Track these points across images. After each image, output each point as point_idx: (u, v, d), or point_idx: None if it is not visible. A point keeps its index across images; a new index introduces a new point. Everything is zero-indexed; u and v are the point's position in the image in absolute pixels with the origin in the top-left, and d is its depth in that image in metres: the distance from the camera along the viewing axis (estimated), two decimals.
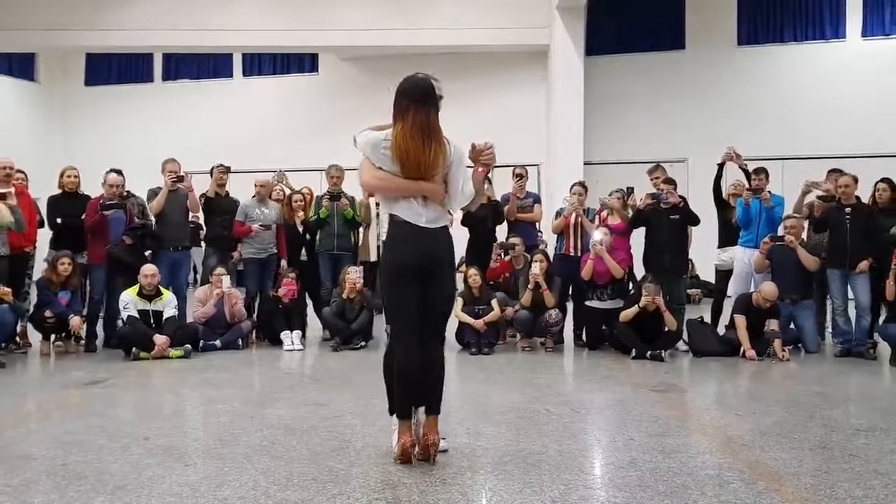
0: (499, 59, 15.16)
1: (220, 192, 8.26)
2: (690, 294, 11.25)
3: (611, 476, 3.43)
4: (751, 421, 4.59)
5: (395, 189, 3.58)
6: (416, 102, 3.55)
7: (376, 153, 3.58)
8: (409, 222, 3.58)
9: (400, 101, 3.58)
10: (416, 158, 3.52)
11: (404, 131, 3.52)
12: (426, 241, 3.59)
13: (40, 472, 3.48)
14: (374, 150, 3.59)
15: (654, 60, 15.06)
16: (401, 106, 3.57)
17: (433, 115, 3.56)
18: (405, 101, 3.56)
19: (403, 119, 3.54)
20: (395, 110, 3.59)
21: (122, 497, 3.12)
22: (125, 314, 6.94)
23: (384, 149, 3.55)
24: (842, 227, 7.19)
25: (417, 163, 3.53)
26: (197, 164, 9.69)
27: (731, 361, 6.88)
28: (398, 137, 3.52)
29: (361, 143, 3.64)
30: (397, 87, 3.63)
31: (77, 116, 17.40)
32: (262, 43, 15.16)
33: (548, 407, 4.37)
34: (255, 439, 4.00)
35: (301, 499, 3.09)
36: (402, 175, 3.55)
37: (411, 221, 3.58)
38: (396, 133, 3.54)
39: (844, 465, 3.61)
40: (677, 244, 7.59)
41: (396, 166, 3.54)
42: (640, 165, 8.47)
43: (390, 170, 3.56)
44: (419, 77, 3.63)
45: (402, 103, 3.57)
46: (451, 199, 3.68)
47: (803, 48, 14.69)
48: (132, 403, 5.30)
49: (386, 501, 3.07)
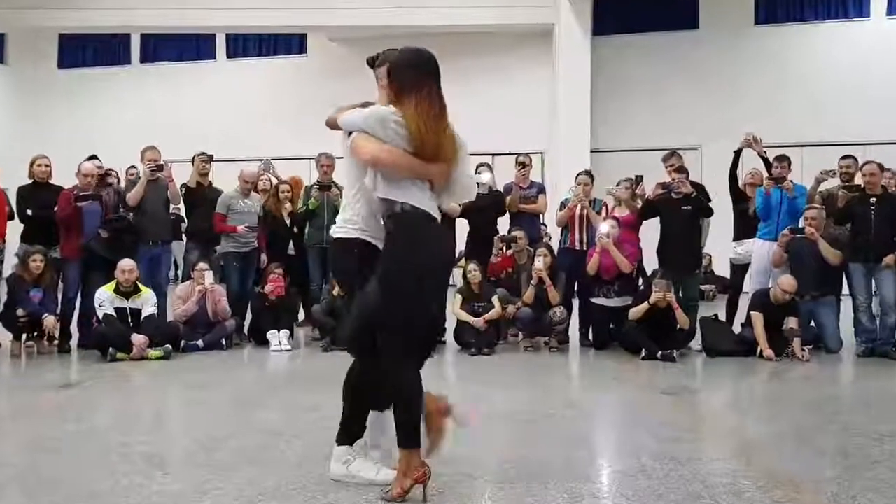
0: (500, 40, 15.13)
1: (203, 182, 8.25)
2: (704, 290, 11.26)
3: (619, 484, 3.43)
4: (768, 425, 4.60)
5: (414, 168, 3.24)
6: (431, 76, 3.31)
7: (385, 129, 3.22)
8: (430, 214, 3.29)
9: (409, 74, 3.31)
10: (436, 138, 3.24)
11: (422, 106, 3.24)
12: (448, 239, 3.35)
13: (10, 478, 3.48)
14: (382, 126, 3.22)
15: (666, 41, 15.03)
16: (412, 79, 3.29)
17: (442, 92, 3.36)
18: (418, 74, 3.30)
19: (419, 93, 3.25)
20: (401, 84, 3.30)
21: None
22: (101, 312, 6.91)
23: (395, 124, 3.22)
24: (866, 219, 7.17)
25: (437, 143, 3.25)
26: (178, 153, 9.68)
27: (747, 362, 6.88)
28: (417, 113, 3.23)
29: (360, 119, 3.29)
30: (397, 60, 3.38)
31: (50, 101, 17.35)
32: (247, 23, 15.13)
33: (552, 410, 4.38)
34: (239, 445, 4.00)
35: None
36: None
37: (431, 213, 3.30)
38: (412, 109, 3.23)
39: (867, 473, 3.62)
40: (689, 237, 7.58)
41: (411, 147, 3.22)
42: (651, 153, 8.47)
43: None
44: (422, 49, 3.40)
45: (413, 76, 3.30)
46: (448, 192, 3.44)
47: (825, 27, 14.67)
48: (109, 407, 5.30)
49: None
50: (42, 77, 17.62)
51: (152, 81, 17.20)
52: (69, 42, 17.49)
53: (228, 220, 7.83)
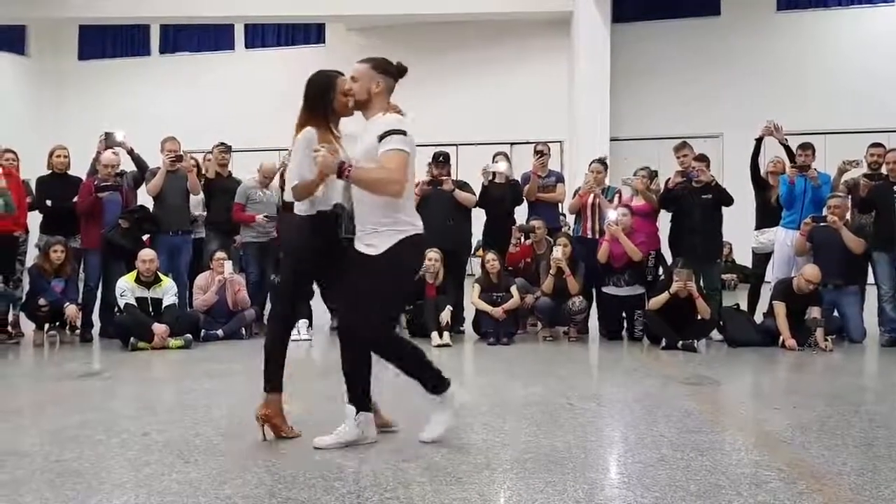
0: (518, 28, 15.06)
1: (222, 173, 8.28)
2: (725, 279, 11.19)
3: (639, 475, 3.41)
4: (790, 416, 4.55)
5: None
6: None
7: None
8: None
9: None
10: None
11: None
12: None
13: (33, 469, 3.51)
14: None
15: (687, 28, 14.91)
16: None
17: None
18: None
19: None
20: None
21: (120, 496, 3.14)
22: (122, 302, 6.98)
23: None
24: (890, 207, 7.09)
25: None
26: (197, 143, 9.72)
27: (769, 352, 6.83)
28: None
29: (410, 139, 3.69)
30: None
31: (70, 92, 17.52)
32: (266, 13, 15.17)
33: (571, 401, 4.36)
34: (259, 435, 4.01)
35: (308, 498, 3.10)
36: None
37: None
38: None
39: (891, 464, 3.57)
40: (710, 226, 7.53)
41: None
42: (671, 142, 8.40)
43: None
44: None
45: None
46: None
47: (848, 13, 14.49)
48: (130, 396, 5.34)
49: (398, 501, 3.07)
50: (62, 68, 17.77)
51: (171, 72, 17.30)
52: (89, 33, 17.62)
53: (247, 211, 7.86)
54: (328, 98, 3.85)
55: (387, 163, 3.58)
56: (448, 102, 14.58)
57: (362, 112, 3.85)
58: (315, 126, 3.80)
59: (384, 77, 3.80)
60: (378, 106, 3.79)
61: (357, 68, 3.81)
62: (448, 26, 15.16)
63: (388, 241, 3.67)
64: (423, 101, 15.14)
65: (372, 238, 3.70)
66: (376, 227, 3.69)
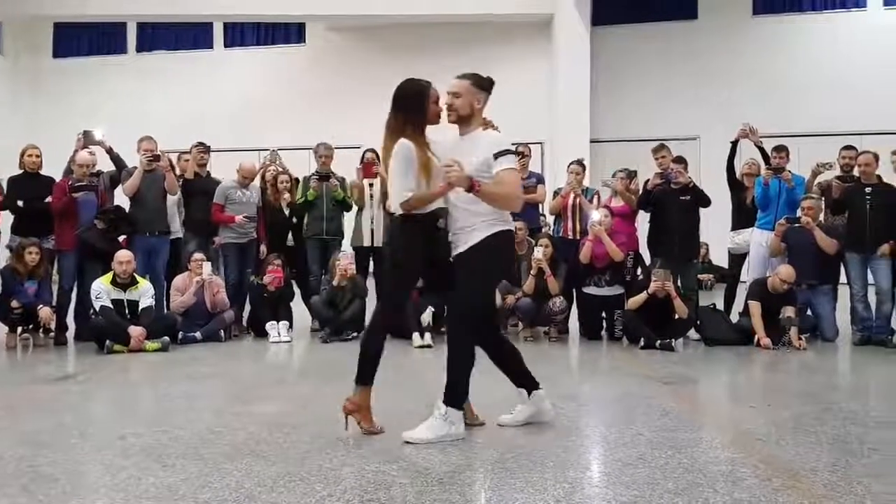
0: (499, 30, 15.10)
1: (200, 173, 8.23)
2: (702, 279, 11.28)
3: (618, 473, 3.43)
4: (765, 414, 4.60)
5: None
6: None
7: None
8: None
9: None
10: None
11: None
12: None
13: (6, 473, 3.47)
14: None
15: (665, 31, 15.02)
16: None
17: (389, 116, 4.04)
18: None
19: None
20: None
21: (96, 500, 3.11)
22: (98, 304, 6.90)
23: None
24: (862, 208, 7.19)
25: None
26: (175, 143, 9.65)
27: (744, 351, 6.90)
28: None
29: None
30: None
31: (45, 91, 17.32)
32: (245, 11, 15.09)
33: (551, 401, 4.37)
34: (238, 438, 3.99)
35: (288, 501, 3.09)
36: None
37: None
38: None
39: (864, 460, 3.62)
40: (688, 227, 7.60)
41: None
42: (649, 143, 8.46)
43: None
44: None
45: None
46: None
47: (822, 18, 14.67)
48: (106, 400, 5.29)
49: (380, 502, 3.07)
50: (38, 67, 17.58)
51: (149, 71, 17.16)
52: (64, 31, 17.43)
53: (226, 211, 7.81)
54: (425, 106, 3.98)
55: (507, 179, 3.85)
56: None
57: (461, 126, 4.04)
58: (411, 134, 3.93)
59: (483, 93, 4.00)
60: (476, 121, 4.01)
61: (459, 84, 3.98)
62: (429, 27, 15.16)
63: (481, 234, 3.90)
64: None
65: (468, 236, 3.93)
66: (472, 225, 3.92)
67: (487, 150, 3.87)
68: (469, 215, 3.93)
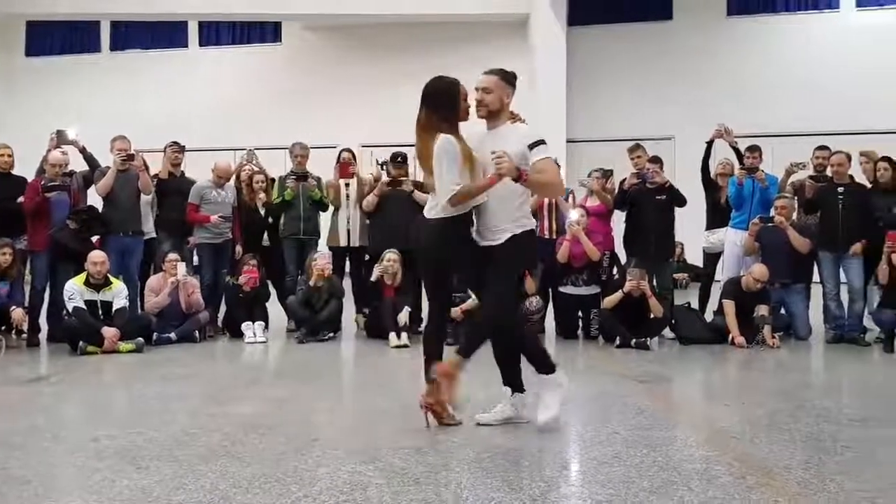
0: (475, 30, 15.10)
1: (175, 173, 8.16)
2: (677, 279, 11.35)
3: (594, 472, 3.45)
4: (739, 412, 4.64)
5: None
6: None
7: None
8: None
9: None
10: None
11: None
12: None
13: None
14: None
15: (641, 31, 15.10)
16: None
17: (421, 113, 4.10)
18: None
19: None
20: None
21: (69, 503, 3.08)
22: (71, 305, 6.82)
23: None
24: (834, 208, 7.26)
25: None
26: (149, 142, 9.57)
27: (718, 349, 6.96)
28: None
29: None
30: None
31: (17, 90, 17.09)
32: (220, 10, 14.97)
33: (527, 399, 4.38)
34: (213, 439, 3.97)
35: (263, 502, 3.07)
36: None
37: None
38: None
39: (837, 458, 3.67)
40: (663, 226, 7.65)
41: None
42: (625, 143, 8.50)
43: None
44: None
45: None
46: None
47: (796, 19, 14.81)
48: (79, 402, 5.24)
49: (355, 503, 3.06)
50: (10, 65, 17.35)
51: (123, 70, 16.99)
52: (37, 29, 17.20)
53: (201, 211, 7.76)
54: (458, 103, 4.09)
55: (547, 167, 3.97)
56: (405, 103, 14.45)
57: (490, 120, 4.14)
58: (448, 130, 4.01)
59: (510, 88, 4.13)
60: (504, 115, 4.12)
61: (489, 80, 4.10)
62: (405, 27, 15.14)
63: (509, 233, 4.02)
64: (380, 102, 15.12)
65: (496, 234, 4.05)
66: (502, 225, 4.03)
67: (520, 142, 3.96)
68: (499, 214, 4.03)
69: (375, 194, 7.74)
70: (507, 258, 4.06)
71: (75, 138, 7.77)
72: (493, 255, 4.06)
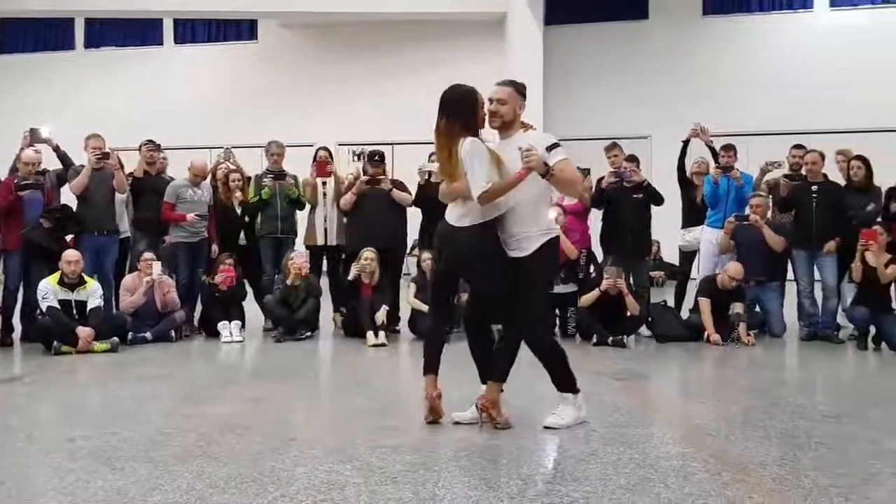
0: (452, 29, 15.09)
1: (150, 171, 8.09)
2: (653, 277, 11.42)
3: (571, 469, 3.46)
4: (715, 409, 4.68)
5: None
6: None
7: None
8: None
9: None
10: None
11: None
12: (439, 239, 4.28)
13: None
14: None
15: (617, 31, 15.16)
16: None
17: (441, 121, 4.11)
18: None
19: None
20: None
21: None
22: (44, 305, 6.74)
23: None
24: (808, 206, 7.33)
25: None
26: (124, 141, 9.47)
27: (694, 347, 7.00)
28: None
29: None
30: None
31: None
32: (195, 7, 14.83)
33: (504, 397, 4.38)
34: (189, 439, 3.94)
35: (240, 502, 3.05)
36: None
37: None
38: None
39: (811, 454, 3.71)
40: (640, 225, 7.69)
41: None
42: (601, 142, 8.53)
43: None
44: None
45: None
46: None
47: (770, 18, 14.94)
48: (54, 402, 5.18)
49: (333, 502, 3.05)
50: None
51: (97, 67, 16.81)
52: (10, 26, 16.97)
53: (177, 210, 7.70)
54: (478, 111, 4.15)
55: (567, 167, 4.03)
56: (382, 102, 14.53)
57: (503, 130, 4.19)
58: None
59: (522, 99, 4.21)
60: (517, 125, 4.18)
61: (503, 91, 4.18)
62: (381, 26, 15.10)
63: (536, 242, 4.04)
64: (357, 101, 15.08)
65: (521, 242, 4.05)
66: (527, 232, 4.04)
67: (537, 144, 3.99)
68: (527, 219, 4.06)
69: (354, 193, 7.71)
70: (538, 269, 4.10)
71: (49, 136, 7.68)
72: (522, 266, 4.06)
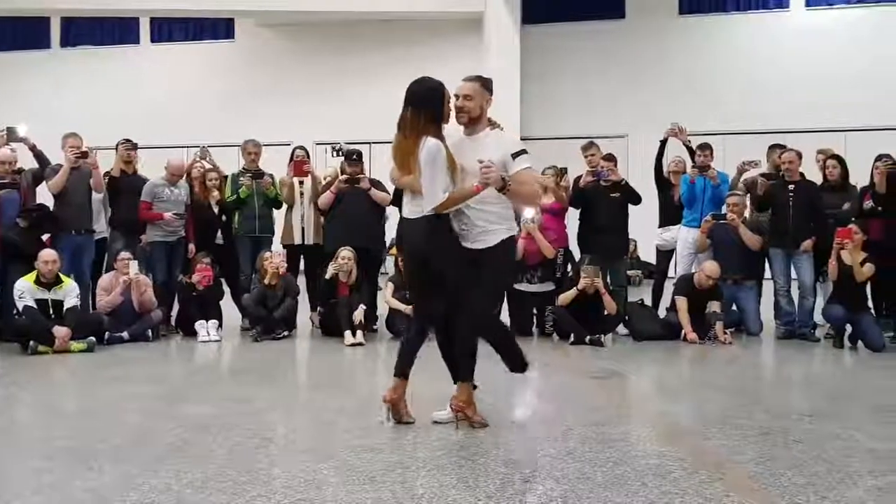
0: (429, 28, 15.09)
1: (127, 170, 8.01)
2: (631, 276, 11.48)
3: (549, 468, 3.47)
4: (692, 407, 4.72)
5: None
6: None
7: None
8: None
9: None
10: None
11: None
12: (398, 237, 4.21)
13: None
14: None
15: (593, 30, 15.23)
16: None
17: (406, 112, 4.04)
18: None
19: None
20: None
21: None
22: (21, 304, 6.66)
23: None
24: (785, 205, 7.39)
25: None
26: (100, 140, 9.38)
27: (671, 345, 7.04)
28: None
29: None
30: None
31: None
32: (172, 6, 14.73)
33: (482, 397, 4.39)
34: (167, 439, 3.91)
35: (218, 502, 3.03)
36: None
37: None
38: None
39: (787, 452, 3.73)
40: (617, 224, 7.72)
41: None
42: (579, 141, 8.57)
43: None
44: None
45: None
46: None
47: (746, 18, 15.08)
48: (30, 402, 5.13)
49: (310, 502, 3.04)
50: None
51: (73, 66, 16.67)
52: None
53: (154, 209, 7.64)
54: (444, 105, 4.06)
55: (528, 179, 4.07)
56: (359, 101, 14.49)
57: (469, 126, 4.15)
58: (434, 132, 4.00)
59: (489, 94, 4.14)
60: (483, 121, 4.15)
61: (471, 87, 4.11)
62: (359, 24, 15.07)
63: (498, 237, 4.07)
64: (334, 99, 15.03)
65: (483, 235, 4.07)
66: (491, 226, 4.07)
67: (502, 149, 4.03)
68: (482, 215, 4.06)
69: (332, 191, 7.68)
70: (498, 263, 4.11)
71: (25, 135, 7.60)
72: (482, 259, 4.06)
